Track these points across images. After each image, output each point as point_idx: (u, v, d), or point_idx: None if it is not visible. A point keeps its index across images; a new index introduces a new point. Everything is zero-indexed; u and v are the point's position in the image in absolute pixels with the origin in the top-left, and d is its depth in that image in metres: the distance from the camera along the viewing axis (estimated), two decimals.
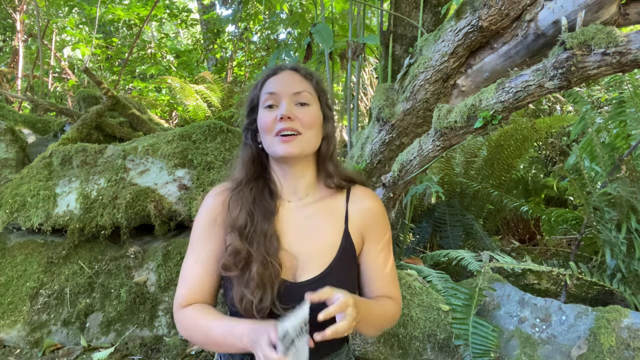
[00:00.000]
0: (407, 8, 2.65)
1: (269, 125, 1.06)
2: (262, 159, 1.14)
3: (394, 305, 1.12)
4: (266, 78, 1.12)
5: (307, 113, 1.07)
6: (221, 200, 1.14)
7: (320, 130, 1.11)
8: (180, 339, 2.31)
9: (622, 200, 1.97)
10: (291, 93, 1.06)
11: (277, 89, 1.07)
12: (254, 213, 1.08)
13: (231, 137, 2.66)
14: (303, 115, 1.06)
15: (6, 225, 2.49)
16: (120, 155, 2.55)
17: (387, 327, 1.17)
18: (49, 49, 6.78)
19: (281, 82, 1.09)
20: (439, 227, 3.09)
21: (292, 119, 1.04)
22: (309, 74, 1.13)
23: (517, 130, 3.30)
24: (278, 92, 1.07)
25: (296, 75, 1.11)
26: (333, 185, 1.14)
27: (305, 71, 1.13)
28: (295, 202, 1.14)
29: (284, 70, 1.12)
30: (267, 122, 1.06)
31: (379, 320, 1.08)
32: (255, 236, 1.06)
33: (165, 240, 2.55)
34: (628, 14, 1.61)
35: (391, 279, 1.15)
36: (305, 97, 1.07)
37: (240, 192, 1.11)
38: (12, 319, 2.39)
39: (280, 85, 1.08)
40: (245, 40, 7.76)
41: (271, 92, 1.07)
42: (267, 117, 1.06)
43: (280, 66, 1.13)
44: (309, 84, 1.11)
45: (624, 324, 1.58)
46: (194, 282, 1.08)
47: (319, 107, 1.11)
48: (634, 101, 2.18)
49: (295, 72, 1.11)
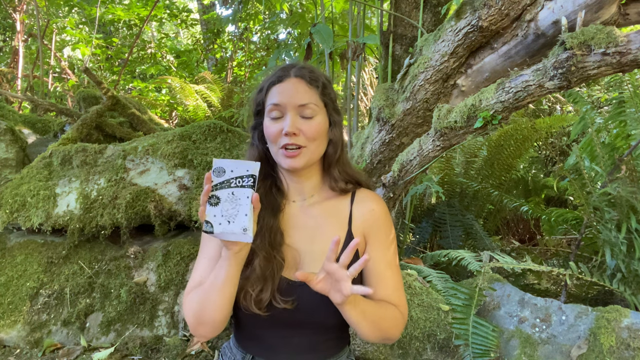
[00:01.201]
0: (407, 8, 2.65)
1: (274, 137, 1.07)
2: (269, 158, 1.14)
3: (397, 313, 1.08)
4: (271, 84, 1.09)
5: (312, 126, 1.06)
6: None
7: (326, 137, 1.11)
8: (180, 338, 2.31)
9: (622, 200, 1.97)
10: (296, 105, 1.05)
11: (281, 100, 1.06)
12: (261, 212, 1.08)
13: (231, 137, 2.66)
14: (307, 129, 1.05)
15: (6, 225, 2.49)
16: (120, 155, 2.55)
17: (390, 337, 1.07)
18: (49, 49, 6.79)
19: (286, 93, 1.06)
20: (439, 227, 3.09)
21: (297, 134, 1.04)
22: (315, 79, 1.09)
23: (517, 130, 3.30)
24: (283, 104, 1.06)
25: (302, 83, 1.07)
26: (337, 189, 1.15)
27: (310, 76, 1.09)
28: (300, 202, 1.15)
29: (289, 77, 1.08)
30: (272, 133, 1.07)
31: (379, 321, 1.04)
32: (260, 233, 1.06)
33: (165, 240, 2.55)
34: (628, 14, 1.61)
35: (395, 286, 1.11)
36: (310, 110, 1.06)
37: None
38: (12, 319, 2.39)
39: (285, 96, 1.06)
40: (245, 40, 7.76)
41: (276, 103, 1.06)
42: (272, 128, 1.06)
43: (286, 72, 1.09)
44: (315, 92, 1.08)
45: (624, 324, 1.58)
46: (201, 276, 1.09)
47: (324, 116, 1.10)
48: (634, 101, 2.18)
49: (300, 79, 1.08)
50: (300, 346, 1.10)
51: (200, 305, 1.00)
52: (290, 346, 1.10)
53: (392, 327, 1.07)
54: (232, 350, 1.18)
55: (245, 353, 1.14)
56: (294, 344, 1.10)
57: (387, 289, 1.10)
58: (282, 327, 1.08)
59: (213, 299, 0.98)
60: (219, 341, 2.31)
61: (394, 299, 1.09)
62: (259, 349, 1.12)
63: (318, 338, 1.11)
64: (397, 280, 1.13)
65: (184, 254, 2.44)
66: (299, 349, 1.10)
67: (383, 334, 1.05)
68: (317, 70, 1.12)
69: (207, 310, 0.99)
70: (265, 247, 1.05)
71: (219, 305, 0.98)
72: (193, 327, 1.05)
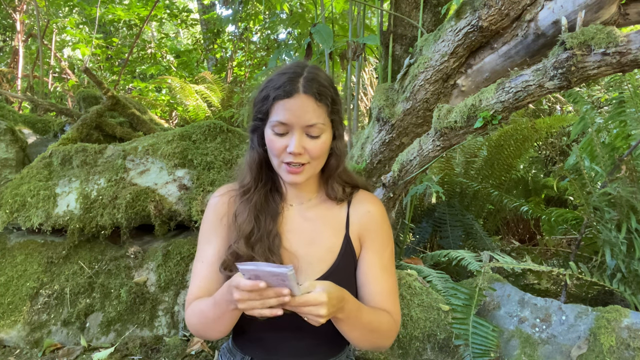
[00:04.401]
0: (407, 8, 2.65)
1: (277, 152, 1.04)
2: (269, 162, 1.13)
3: (390, 320, 1.06)
4: (278, 97, 1.02)
5: (317, 145, 1.04)
6: (225, 201, 1.15)
7: (328, 149, 1.09)
8: (180, 338, 2.31)
9: (622, 200, 1.97)
10: (303, 125, 1.02)
11: (289, 120, 1.01)
12: (260, 218, 1.08)
13: (231, 137, 2.66)
14: (313, 148, 1.03)
15: (6, 225, 2.49)
16: (120, 155, 2.54)
17: (381, 344, 1.06)
18: (49, 49, 6.78)
19: (294, 112, 1.01)
20: (439, 227, 3.09)
21: (302, 153, 1.03)
22: (324, 94, 1.03)
23: (517, 130, 3.30)
24: (290, 123, 1.01)
25: (310, 101, 1.01)
26: (334, 196, 1.14)
27: (319, 91, 1.02)
28: (298, 205, 1.16)
29: (298, 94, 1.01)
30: (276, 148, 1.04)
31: (369, 328, 1.01)
32: (259, 239, 1.07)
33: (165, 240, 2.55)
34: (628, 14, 1.61)
35: (389, 292, 1.09)
36: (317, 129, 1.03)
37: (249, 198, 1.11)
38: (12, 319, 2.39)
39: (293, 115, 1.01)
40: (245, 40, 7.76)
41: (283, 122, 1.02)
42: (276, 144, 1.04)
43: (294, 85, 1.02)
44: (324, 110, 1.03)
45: (624, 324, 1.58)
46: (202, 281, 1.10)
47: (330, 132, 1.07)
48: (634, 101, 2.18)
49: (309, 97, 1.01)
50: (299, 348, 1.10)
51: (203, 327, 1.05)
52: (289, 348, 1.10)
53: (383, 333, 1.05)
54: (231, 351, 1.18)
55: (244, 355, 1.14)
56: (292, 346, 1.10)
57: (381, 294, 1.08)
58: (281, 330, 1.08)
59: (216, 328, 1.03)
60: (219, 341, 2.31)
61: (387, 304, 1.07)
62: (257, 351, 1.12)
63: (317, 340, 1.11)
64: (392, 285, 1.11)
65: (184, 254, 2.44)
66: (298, 350, 1.10)
67: (374, 341, 1.04)
68: (325, 80, 1.06)
69: (209, 332, 1.05)
70: (264, 252, 1.05)
71: (221, 331, 1.04)
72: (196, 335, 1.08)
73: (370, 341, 1.04)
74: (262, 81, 1.11)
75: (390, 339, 1.07)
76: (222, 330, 1.03)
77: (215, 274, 1.09)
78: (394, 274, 1.13)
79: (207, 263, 1.10)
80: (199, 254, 1.13)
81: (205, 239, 1.14)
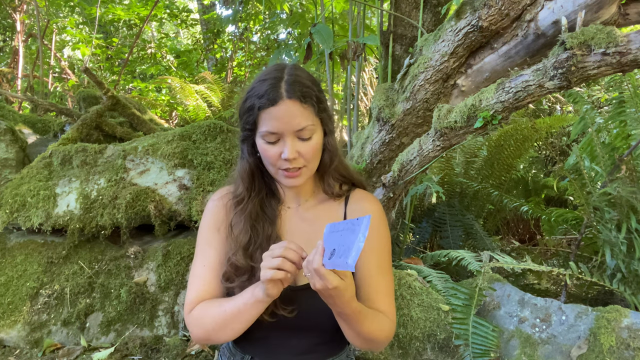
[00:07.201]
0: (407, 8, 2.65)
1: (272, 160, 1.04)
2: (261, 169, 1.12)
3: (387, 320, 1.06)
4: (262, 107, 1.00)
5: (310, 147, 1.04)
6: (223, 204, 1.15)
7: (321, 148, 1.09)
8: (180, 339, 2.31)
9: (622, 200, 1.97)
10: (293, 131, 1.01)
11: (278, 128, 1.00)
12: (257, 227, 1.08)
13: (231, 137, 2.66)
14: (306, 151, 1.03)
15: (6, 225, 2.49)
16: (120, 155, 2.54)
17: (376, 344, 1.05)
18: (49, 49, 6.78)
19: (282, 120, 1.00)
20: (439, 227, 3.09)
21: (297, 157, 1.02)
22: (308, 95, 1.02)
23: (517, 130, 3.29)
24: (280, 131, 1.00)
25: (296, 105, 1.00)
26: (331, 193, 1.15)
27: (303, 93, 1.01)
28: (295, 207, 1.16)
29: (282, 100, 0.99)
30: (270, 157, 1.04)
31: (367, 324, 1.00)
32: (260, 245, 1.06)
33: (165, 240, 2.55)
34: (628, 14, 1.61)
35: (385, 292, 1.09)
36: (307, 131, 1.02)
37: (243, 208, 1.10)
38: (12, 319, 2.39)
39: (281, 123, 1.00)
40: (245, 40, 7.76)
41: (272, 132, 1.01)
42: (270, 152, 1.03)
43: (277, 91, 1.00)
44: (311, 111, 1.02)
45: (624, 324, 1.58)
46: (202, 286, 1.08)
47: (321, 130, 1.07)
48: (634, 101, 2.18)
49: (294, 101, 0.99)
50: (300, 347, 1.10)
51: (218, 327, 1.01)
52: (290, 347, 1.10)
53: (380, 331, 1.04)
54: (230, 351, 1.18)
55: (245, 354, 1.14)
56: (293, 346, 1.10)
57: (377, 293, 1.07)
58: (282, 330, 1.08)
59: (234, 327, 1.00)
60: None
61: (383, 305, 1.07)
62: (258, 350, 1.12)
63: (318, 339, 1.11)
64: (388, 286, 1.10)
65: (184, 254, 2.44)
66: (299, 350, 1.10)
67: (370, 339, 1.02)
68: (307, 80, 1.04)
69: (223, 334, 1.01)
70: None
71: (237, 331, 1.01)
72: (199, 340, 1.06)
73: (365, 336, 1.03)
74: (245, 88, 1.09)
75: (386, 340, 1.07)
76: (239, 331, 1.01)
77: (215, 278, 1.08)
78: (391, 274, 1.13)
79: (207, 267, 1.10)
80: (200, 257, 1.12)
81: (204, 243, 1.14)
